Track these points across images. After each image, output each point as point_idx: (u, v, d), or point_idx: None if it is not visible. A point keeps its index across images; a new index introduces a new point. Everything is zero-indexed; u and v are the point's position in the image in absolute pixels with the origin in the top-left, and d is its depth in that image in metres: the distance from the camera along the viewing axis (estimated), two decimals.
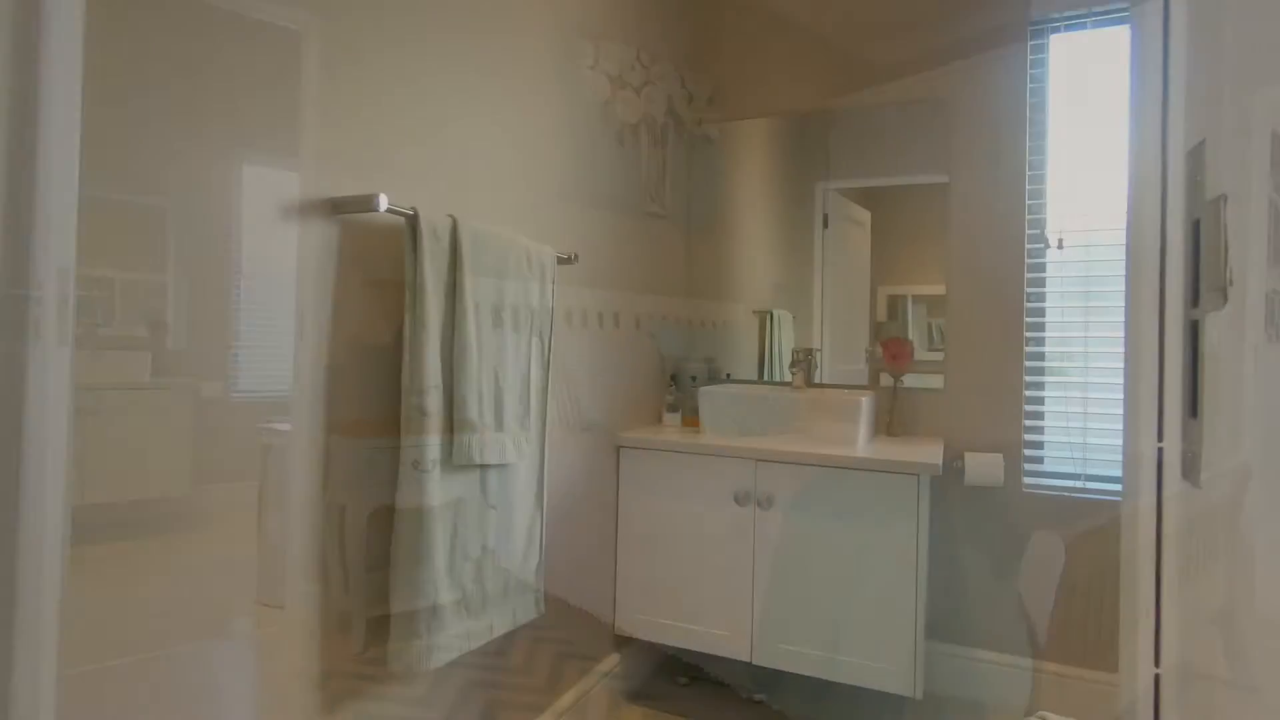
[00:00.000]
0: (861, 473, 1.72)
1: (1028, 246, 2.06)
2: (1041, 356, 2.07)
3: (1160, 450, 0.44)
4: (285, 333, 1.03)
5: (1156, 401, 0.44)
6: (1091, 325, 2.01)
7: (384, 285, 1.21)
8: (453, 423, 1.23)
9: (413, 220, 1.17)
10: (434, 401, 1.17)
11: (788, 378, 2.33)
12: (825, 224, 2.30)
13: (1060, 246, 2.04)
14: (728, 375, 2.43)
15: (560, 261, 1.60)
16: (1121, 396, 1.94)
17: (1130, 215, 0.50)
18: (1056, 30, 2.05)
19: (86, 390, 0.76)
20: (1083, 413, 2.02)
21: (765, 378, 2.38)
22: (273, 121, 1.03)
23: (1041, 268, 2.07)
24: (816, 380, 2.30)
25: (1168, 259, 0.43)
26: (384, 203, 1.08)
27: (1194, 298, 0.41)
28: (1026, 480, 2.07)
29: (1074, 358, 2.04)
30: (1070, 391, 2.04)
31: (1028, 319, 2.07)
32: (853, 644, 1.71)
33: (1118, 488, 1.98)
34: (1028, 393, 2.07)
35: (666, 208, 2.32)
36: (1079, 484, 2.02)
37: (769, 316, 2.38)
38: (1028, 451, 2.07)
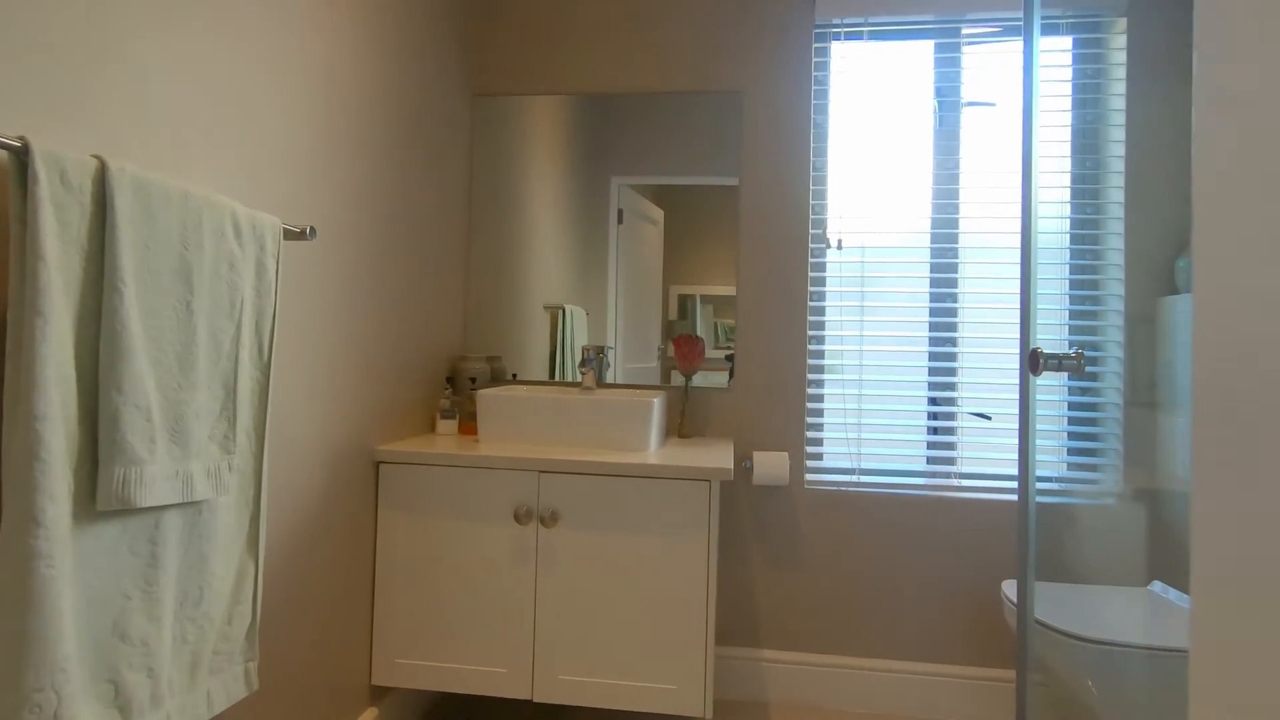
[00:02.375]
0: (653, 481, 1.59)
1: (811, 247, 2.09)
2: (822, 355, 2.12)
3: None
4: None
5: None
6: (866, 324, 2.09)
7: None
8: (97, 450, 0.87)
9: (22, 155, 0.79)
10: (59, 421, 0.81)
11: (579, 378, 2.17)
12: (620, 219, 2.18)
13: (840, 247, 2.10)
14: (514, 375, 2.20)
15: (290, 236, 1.27)
16: (899, 394, 2.06)
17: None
18: (838, 37, 2.10)
19: None
20: (858, 409, 2.09)
21: (557, 377, 2.19)
22: None
23: (822, 268, 2.11)
24: (609, 380, 2.16)
25: None
26: None
27: None
28: (808, 477, 2.10)
29: (850, 356, 2.10)
30: (847, 389, 2.10)
31: (810, 318, 2.10)
32: (641, 667, 1.58)
33: (890, 480, 2.08)
34: (809, 390, 2.11)
35: (442, 182, 2.03)
36: (854, 479, 2.09)
37: (561, 312, 2.20)
38: (809, 449, 2.10)
